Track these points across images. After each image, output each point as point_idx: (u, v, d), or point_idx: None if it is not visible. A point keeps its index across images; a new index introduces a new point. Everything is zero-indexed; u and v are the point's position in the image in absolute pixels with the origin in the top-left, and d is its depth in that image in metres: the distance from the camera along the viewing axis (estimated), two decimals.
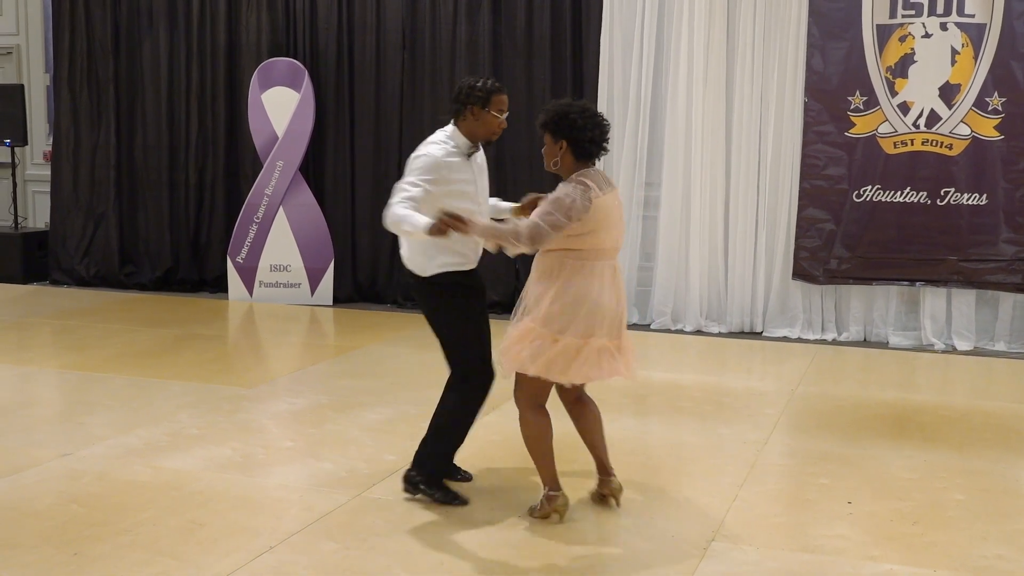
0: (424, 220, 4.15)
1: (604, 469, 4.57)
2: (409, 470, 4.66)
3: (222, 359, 7.59)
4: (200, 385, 6.58)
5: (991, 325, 8.16)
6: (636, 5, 8.58)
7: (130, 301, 9.72)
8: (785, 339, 8.34)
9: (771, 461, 5.28)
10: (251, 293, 9.72)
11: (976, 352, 8.01)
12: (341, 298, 9.71)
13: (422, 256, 4.49)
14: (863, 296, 8.37)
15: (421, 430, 5.61)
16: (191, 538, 4.16)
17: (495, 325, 4.63)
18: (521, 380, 4.35)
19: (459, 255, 4.48)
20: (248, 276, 9.72)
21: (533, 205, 4.48)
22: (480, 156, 4.62)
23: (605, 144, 4.30)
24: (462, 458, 4.92)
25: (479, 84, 4.44)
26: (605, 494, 4.57)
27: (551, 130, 4.26)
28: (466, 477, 4.87)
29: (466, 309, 4.54)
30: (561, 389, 4.48)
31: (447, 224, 4.07)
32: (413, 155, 4.46)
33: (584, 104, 4.36)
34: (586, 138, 4.21)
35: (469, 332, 4.53)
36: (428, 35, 9.30)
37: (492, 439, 5.43)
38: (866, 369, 7.51)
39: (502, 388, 5.24)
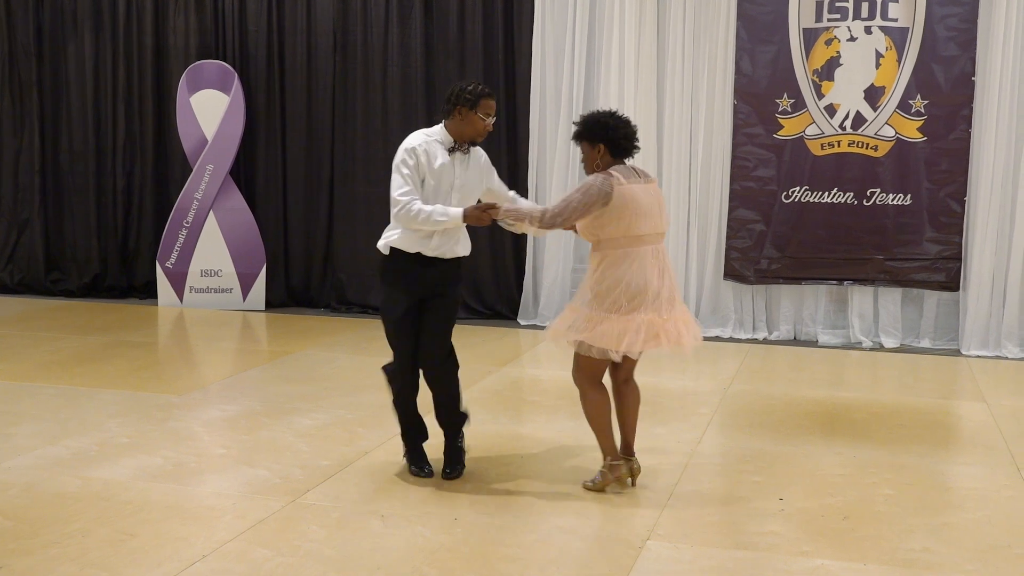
0: (456, 210, 4.65)
1: (628, 449, 4.87)
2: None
3: (152, 366, 7.47)
4: (130, 393, 6.47)
5: (916, 323, 8.35)
6: (567, 8, 8.63)
7: (57, 309, 9.53)
8: (717, 339, 8.45)
9: (705, 460, 5.33)
10: (181, 299, 9.58)
11: (902, 349, 8.19)
12: (273, 303, 9.61)
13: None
14: (793, 295, 8.50)
15: (357, 435, 5.60)
16: (122, 549, 4.08)
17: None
18: (578, 360, 4.74)
19: (412, 244, 4.77)
20: (178, 282, 9.58)
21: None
22: (478, 157, 4.92)
23: (636, 142, 4.73)
24: (387, 461, 4.91)
25: (469, 88, 4.79)
26: (624, 474, 4.84)
27: (587, 138, 4.71)
28: (428, 473, 4.98)
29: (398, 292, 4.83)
30: (613, 370, 4.83)
31: (488, 210, 4.64)
32: (400, 149, 4.79)
33: (610, 110, 4.81)
34: (620, 136, 4.66)
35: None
36: (360, 38, 9.25)
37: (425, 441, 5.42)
38: (796, 367, 7.63)
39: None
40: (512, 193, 5.16)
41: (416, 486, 4.83)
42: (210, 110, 9.42)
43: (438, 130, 4.82)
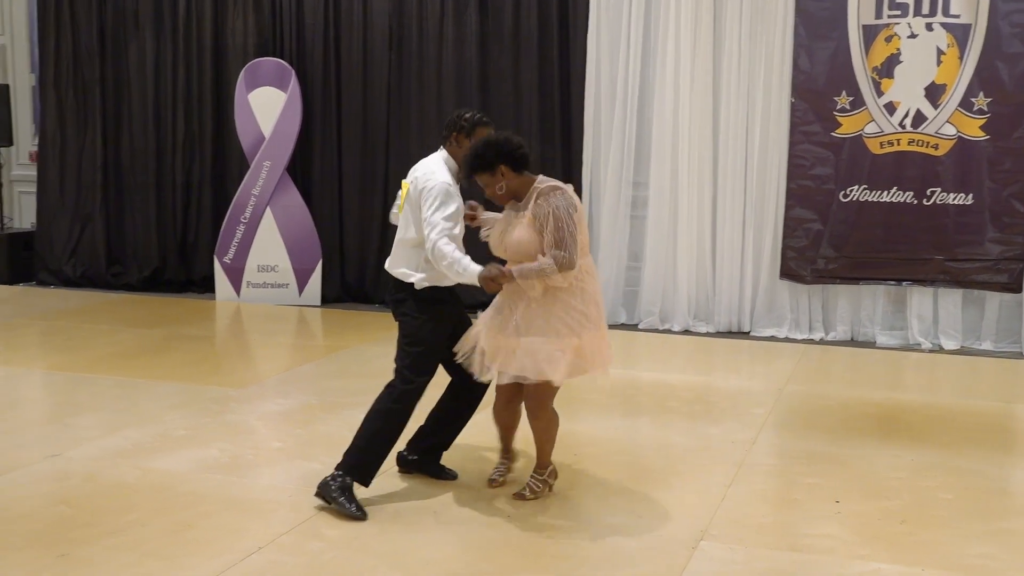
0: (476, 268, 4.35)
1: (508, 454, 4.90)
2: (330, 477, 4.55)
3: (210, 360, 7.57)
4: (188, 386, 6.56)
5: (977, 324, 8.20)
6: (623, 4, 8.59)
7: (117, 302, 9.69)
8: (773, 339, 8.36)
9: (759, 460, 5.29)
10: (238, 293, 9.70)
11: (963, 351, 8.05)
12: (329, 298, 9.69)
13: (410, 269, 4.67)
14: (850, 296, 8.39)
15: (410, 431, 5.61)
16: (179, 539, 4.14)
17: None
18: (541, 388, 4.48)
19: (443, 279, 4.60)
20: (235, 276, 9.69)
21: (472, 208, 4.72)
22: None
23: (521, 150, 4.44)
24: (447, 456, 4.94)
25: (467, 115, 4.71)
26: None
27: (483, 166, 4.40)
28: (451, 475, 4.92)
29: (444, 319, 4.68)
30: (527, 393, 4.58)
31: (498, 278, 4.31)
32: (424, 181, 4.55)
33: (483, 138, 4.49)
34: (514, 145, 4.39)
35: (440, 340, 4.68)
36: (415, 34, 9.29)
37: (478, 439, 5.43)
38: (853, 368, 7.54)
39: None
40: None
41: (468, 483, 4.84)
42: (267, 107, 9.52)
43: (446, 158, 4.68)
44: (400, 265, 4.68)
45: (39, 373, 7.03)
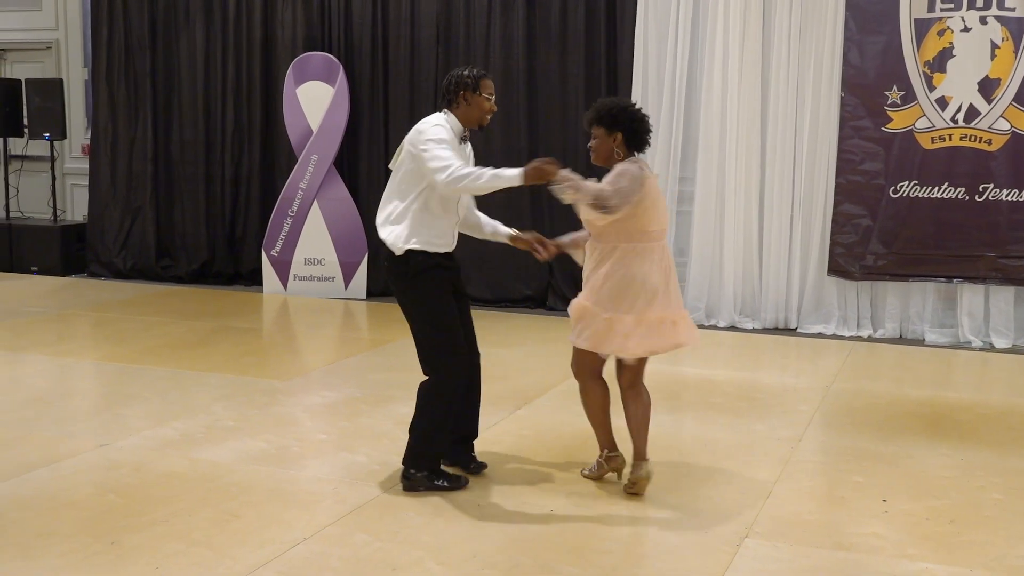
0: (513, 170, 4.34)
1: (636, 454, 4.64)
2: (406, 469, 4.69)
3: (257, 352, 7.64)
4: (235, 377, 6.64)
5: None
6: None
7: (167, 293, 9.82)
8: (820, 335, 8.28)
9: (805, 458, 5.24)
10: (285, 286, 9.78)
11: (1014, 350, 7.92)
12: (375, 292, 9.74)
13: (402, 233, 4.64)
14: (899, 293, 8.29)
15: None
16: (226, 529, 4.19)
17: (528, 319, 4.66)
18: (575, 353, 4.68)
19: (430, 243, 4.62)
20: (282, 269, 9.78)
21: (538, 241, 4.81)
22: (468, 148, 4.81)
23: (650, 136, 4.62)
24: (485, 451, 4.95)
25: (467, 72, 4.69)
26: (633, 480, 4.63)
27: (607, 123, 4.52)
28: (480, 467, 4.88)
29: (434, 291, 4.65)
30: (618, 375, 4.68)
31: (544, 165, 4.28)
32: (421, 131, 4.56)
33: (630, 101, 4.74)
34: (641, 128, 4.52)
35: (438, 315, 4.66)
36: (463, 30, 9.31)
37: (523, 433, 5.45)
38: (902, 366, 7.45)
39: (529, 384, 5.26)
40: (495, 222, 5.00)
41: (511, 477, 4.85)
42: (315, 101, 9.58)
43: (447, 118, 4.64)
44: (382, 216, 4.65)
45: (90, 363, 7.14)
